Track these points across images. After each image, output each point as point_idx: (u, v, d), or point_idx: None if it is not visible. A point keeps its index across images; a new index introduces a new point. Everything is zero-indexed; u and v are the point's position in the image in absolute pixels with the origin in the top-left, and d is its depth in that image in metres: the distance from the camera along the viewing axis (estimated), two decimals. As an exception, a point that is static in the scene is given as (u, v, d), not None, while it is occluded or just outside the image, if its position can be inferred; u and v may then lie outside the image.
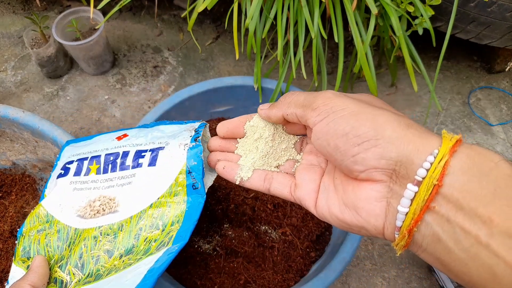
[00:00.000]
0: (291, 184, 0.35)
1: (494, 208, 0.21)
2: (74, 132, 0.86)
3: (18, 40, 1.01)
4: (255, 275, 0.62)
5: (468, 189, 0.22)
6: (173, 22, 1.06)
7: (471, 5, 0.72)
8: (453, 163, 0.23)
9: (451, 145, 0.23)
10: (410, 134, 0.25)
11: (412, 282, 0.71)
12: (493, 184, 0.21)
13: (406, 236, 0.25)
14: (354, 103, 0.28)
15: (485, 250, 0.21)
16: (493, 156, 0.23)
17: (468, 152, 0.23)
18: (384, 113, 0.26)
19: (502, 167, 0.22)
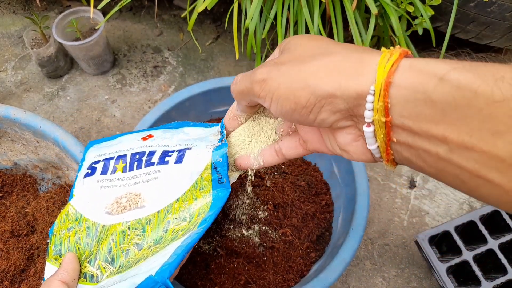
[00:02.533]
0: (299, 141, 0.36)
1: (446, 126, 0.21)
2: (75, 132, 0.86)
3: (18, 40, 1.01)
4: (255, 276, 0.63)
5: (417, 113, 0.22)
6: (173, 22, 1.06)
7: (471, 5, 0.73)
8: (394, 94, 0.23)
9: (385, 76, 0.23)
10: (345, 78, 0.25)
11: (412, 282, 0.72)
12: (440, 103, 0.21)
13: (388, 163, 0.27)
14: (283, 73, 0.28)
15: (449, 164, 0.22)
16: (436, 69, 0.22)
17: (408, 74, 0.23)
18: (313, 68, 0.26)
19: (449, 79, 0.21)
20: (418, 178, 0.82)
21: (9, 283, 0.61)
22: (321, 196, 0.71)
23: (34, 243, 0.63)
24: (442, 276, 0.63)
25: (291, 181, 0.70)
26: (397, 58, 0.23)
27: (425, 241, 0.66)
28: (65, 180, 0.70)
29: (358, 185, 0.64)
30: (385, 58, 0.23)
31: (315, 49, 0.28)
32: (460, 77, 0.21)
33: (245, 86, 0.32)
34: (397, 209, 0.79)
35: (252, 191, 0.67)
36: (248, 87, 0.31)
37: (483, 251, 0.65)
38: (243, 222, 0.65)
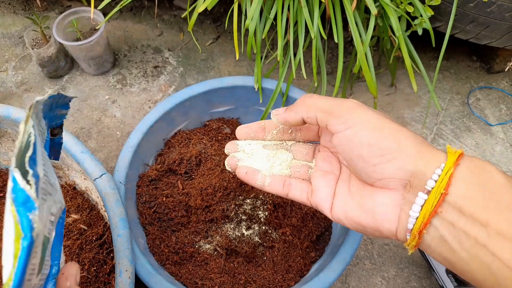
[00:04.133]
0: (308, 190, 0.38)
1: (490, 213, 0.24)
2: (75, 132, 0.87)
3: (19, 40, 1.01)
4: (255, 275, 0.63)
5: (469, 196, 0.25)
6: (173, 23, 1.06)
7: (471, 5, 0.73)
8: (456, 175, 0.26)
9: (455, 159, 0.27)
10: (423, 150, 0.29)
11: (411, 281, 0.72)
12: (489, 192, 0.25)
13: (416, 237, 0.28)
14: (377, 117, 0.31)
15: (484, 250, 0.24)
16: (489, 168, 0.26)
17: (469, 165, 0.27)
18: (403, 130, 0.30)
19: (497, 177, 0.25)
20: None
21: (10, 282, 0.61)
22: (321, 196, 0.71)
23: (35, 243, 0.63)
24: (442, 275, 0.63)
25: (291, 181, 0.70)
26: (461, 153, 0.28)
27: (425, 241, 0.66)
28: (66, 180, 0.70)
29: (357, 185, 0.64)
30: (452, 150, 0.28)
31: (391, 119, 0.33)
32: (505, 177, 0.25)
33: (326, 104, 0.33)
34: (396, 209, 0.79)
35: (252, 191, 0.67)
36: (330, 105, 0.33)
37: (483, 251, 0.65)
38: (243, 222, 0.65)
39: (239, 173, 0.40)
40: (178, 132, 0.76)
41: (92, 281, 0.59)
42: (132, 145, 0.67)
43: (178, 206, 0.67)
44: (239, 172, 0.40)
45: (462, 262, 0.25)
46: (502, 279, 0.23)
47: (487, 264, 0.24)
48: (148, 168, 0.71)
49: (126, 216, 0.56)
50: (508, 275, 0.23)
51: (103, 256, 0.61)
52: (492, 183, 0.25)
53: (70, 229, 0.61)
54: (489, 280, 0.24)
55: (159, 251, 0.63)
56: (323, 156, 0.39)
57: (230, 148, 0.42)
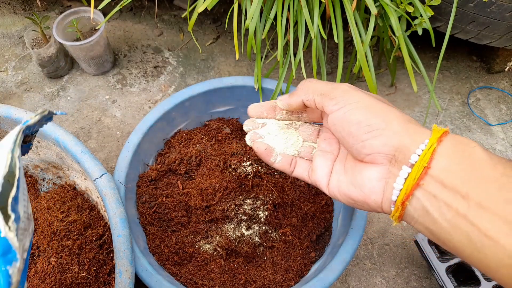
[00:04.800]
0: (309, 168, 0.42)
1: (470, 186, 0.26)
2: (75, 132, 0.87)
3: (19, 40, 1.01)
4: (255, 275, 0.63)
5: (451, 170, 0.27)
6: (173, 23, 1.06)
7: (471, 5, 0.73)
8: (439, 150, 0.28)
9: (438, 136, 0.28)
10: (410, 128, 0.30)
11: (411, 281, 0.72)
12: (471, 167, 0.26)
13: (400, 208, 0.30)
14: (367, 97, 0.33)
15: (464, 220, 0.26)
16: (472, 144, 0.28)
17: (452, 141, 0.28)
18: (392, 109, 0.32)
19: (479, 153, 0.27)
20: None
21: (10, 282, 0.61)
22: (320, 196, 0.71)
23: (35, 243, 0.63)
24: (442, 275, 0.63)
25: (291, 181, 0.70)
26: (446, 131, 0.29)
27: (425, 241, 0.66)
28: (66, 180, 0.70)
29: (357, 185, 0.64)
30: (437, 128, 0.30)
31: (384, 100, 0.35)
32: (486, 152, 0.27)
33: (322, 87, 0.36)
34: (396, 209, 0.79)
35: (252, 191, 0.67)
36: (327, 88, 0.36)
37: (483, 251, 0.65)
38: (243, 222, 0.65)
39: (259, 148, 0.43)
40: (178, 132, 0.76)
41: (92, 281, 0.59)
42: (132, 145, 0.67)
43: (178, 206, 0.67)
44: (258, 148, 0.44)
45: (444, 231, 0.27)
46: (480, 247, 0.25)
47: (467, 233, 0.25)
48: (148, 168, 0.71)
49: (126, 216, 0.56)
50: (486, 243, 0.24)
51: (103, 256, 0.61)
52: (474, 158, 0.26)
53: (70, 229, 0.61)
54: (468, 248, 0.26)
55: (159, 251, 0.63)
56: (324, 137, 0.42)
57: (250, 125, 0.46)
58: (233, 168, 0.69)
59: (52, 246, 0.59)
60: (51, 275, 0.57)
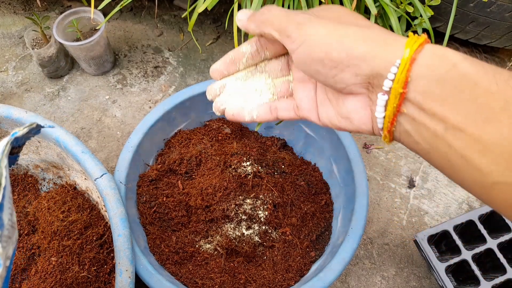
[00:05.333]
0: (293, 106, 0.38)
1: (448, 108, 0.25)
2: (75, 132, 0.87)
3: (19, 41, 1.01)
4: (255, 275, 0.63)
5: (428, 91, 0.25)
6: (173, 23, 1.06)
7: (471, 5, 0.73)
8: (414, 70, 0.26)
9: (412, 53, 0.26)
10: (376, 48, 0.27)
11: (411, 281, 0.72)
12: (449, 86, 0.25)
13: (387, 135, 0.29)
14: (323, 25, 0.30)
15: (442, 142, 0.25)
16: (452, 57, 0.25)
17: (429, 57, 0.26)
18: (350, 31, 0.29)
19: (459, 67, 0.24)
20: (417, 178, 0.83)
21: (10, 282, 0.61)
22: (320, 196, 0.71)
23: (35, 243, 0.63)
24: (441, 275, 0.63)
25: (290, 181, 0.70)
26: (422, 42, 0.26)
27: (424, 241, 0.66)
28: (66, 180, 0.70)
29: (357, 184, 0.64)
30: (413, 40, 0.26)
31: (354, 19, 0.31)
32: (468, 67, 0.24)
33: (279, 20, 0.32)
34: (396, 209, 0.79)
35: (252, 191, 0.67)
36: (282, 22, 0.32)
37: (482, 251, 0.65)
38: (243, 222, 0.65)
39: (228, 117, 0.41)
40: (178, 132, 0.76)
41: (93, 280, 0.59)
42: (132, 145, 0.67)
43: (178, 206, 0.67)
44: (227, 116, 0.41)
45: (425, 152, 0.27)
46: (458, 169, 0.25)
47: (446, 155, 0.25)
48: (149, 168, 0.72)
49: (127, 216, 0.56)
50: (463, 164, 0.25)
51: (103, 256, 0.61)
52: (453, 75, 0.24)
53: (71, 229, 0.61)
54: (449, 169, 0.26)
55: (160, 250, 0.64)
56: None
57: (211, 93, 0.42)
58: (233, 168, 0.69)
59: (52, 246, 0.60)
60: (51, 274, 0.58)
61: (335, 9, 0.33)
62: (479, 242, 0.66)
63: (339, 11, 0.33)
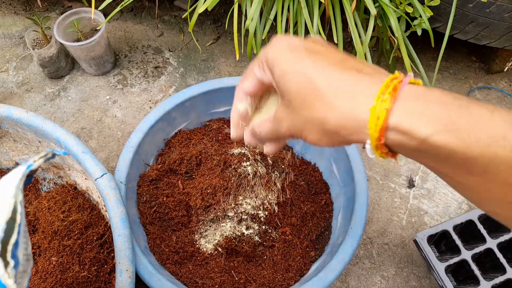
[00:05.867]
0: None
1: (426, 160, 0.25)
2: (76, 132, 0.87)
3: (20, 41, 1.01)
4: (255, 275, 0.63)
5: (404, 151, 0.26)
6: (173, 23, 1.06)
7: (470, 5, 0.73)
8: (386, 140, 0.25)
9: (376, 135, 0.25)
10: (346, 116, 0.26)
11: (411, 281, 0.72)
12: (421, 153, 0.25)
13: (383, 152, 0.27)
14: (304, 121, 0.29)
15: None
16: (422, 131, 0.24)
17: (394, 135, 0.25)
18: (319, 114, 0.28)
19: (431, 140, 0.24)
20: (417, 178, 0.83)
21: (11, 282, 0.61)
22: (320, 196, 0.71)
23: (36, 243, 0.63)
24: (441, 275, 0.63)
25: (290, 180, 0.70)
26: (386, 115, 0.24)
27: (424, 241, 0.67)
28: (67, 180, 0.70)
29: (357, 184, 0.64)
30: (374, 118, 0.25)
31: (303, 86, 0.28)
32: (441, 138, 0.23)
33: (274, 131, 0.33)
34: (396, 209, 0.79)
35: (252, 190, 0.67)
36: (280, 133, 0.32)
37: (482, 251, 0.65)
38: (243, 221, 0.65)
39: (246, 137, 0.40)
40: (178, 132, 0.76)
41: (93, 280, 0.59)
42: (133, 145, 0.67)
43: (178, 206, 0.67)
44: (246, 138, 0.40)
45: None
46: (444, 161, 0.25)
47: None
48: (149, 168, 0.72)
49: (127, 216, 0.57)
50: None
51: (103, 256, 0.61)
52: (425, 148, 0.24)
53: (71, 229, 0.61)
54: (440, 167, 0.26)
55: (160, 250, 0.64)
56: None
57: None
58: (233, 168, 0.69)
59: (53, 246, 0.60)
60: (52, 274, 0.58)
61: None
62: (479, 242, 0.66)
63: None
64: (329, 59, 0.29)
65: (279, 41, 0.31)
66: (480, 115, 0.23)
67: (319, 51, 0.30)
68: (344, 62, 0.29)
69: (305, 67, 0.28)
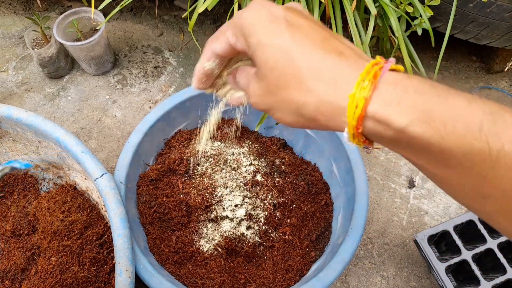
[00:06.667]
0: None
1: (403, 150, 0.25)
2: (76, 132, 0.87)
3: (19, 41, 1.01)
4: (255, 275, 0.63)
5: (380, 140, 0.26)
6: (173, 23, 1.06)
7: (470, 5, 0.73)
8: (363, 128, 0.25)
9: (353, 124, 0.24)
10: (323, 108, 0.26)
11: (411, 281, 0.72)
12: (399, 143, 0.25)
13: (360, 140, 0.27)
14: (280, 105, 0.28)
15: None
16: (398, 121, 0.23)
17: (372, 124, 0.24)
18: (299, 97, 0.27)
19: (407, 131, 0.23)
20: (417, 178, 0.83)
21: (10, 282, 0.61)
22: (320, 196, 0.71)
23: (35, 243, 0.63)
24: (441, 275, 0.63)
25: (290, 181, 0.70)
26: (364, 104, 0.24)
27: (424, 241, 0.66)
28: (66, 180, 0.70)
29: (357, 184, 0.64)
30: (352, 109, 0.24)
31: (282, 64, 0.27)
32: (417, 129, 0.23)
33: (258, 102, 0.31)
34: (396, 209, 0.79)
35: (252, 190, 0.67)
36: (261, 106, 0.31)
37: (482, 251, 0.65)
38: (243, 222, 0.65)
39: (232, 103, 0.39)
40: (178, 132, 0.76)
41: (93, 280, 0.59)
42: (132, 145, 0.67)
43: (178, 206, 0.67)
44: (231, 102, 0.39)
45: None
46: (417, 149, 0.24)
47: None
48: (149, 168, 0.72)
49: (127, 216, 0.56)
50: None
51: (103, 256, 0.61)
52: (402, 138, 0.24)
53: (71, 229, 0.61)
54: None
55: (159, 250, 0.64)
56: None
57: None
58: (233, 168, 0.69)
59: (52, 246, 0.60)
60: (51, 274, 0.58)
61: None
62: (479, 242, 0.66)
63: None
64: (311, 36, 0.27)
65: (257, 7, 0.28)
66: (457, 105, 0.22)
67: (300, 25, 0.28)
68: (327, 41, 0.27)
69: (285, 42, 0.27)
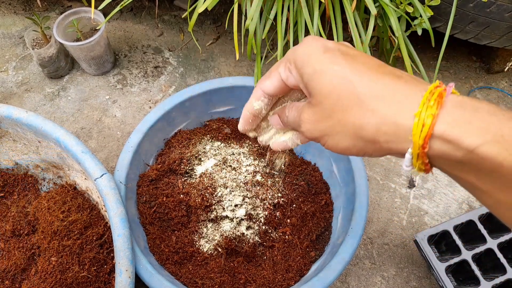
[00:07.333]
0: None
1: (471, 174, 0.24)
2: (76, 132, 0.87)
3: (19, 41, 1.01)
4: (255, 275, 0.63)
5: (449, 164, 0.25)
6: (173, 23, 1.06)
7: (470, 5, 0.73)
8: (429, 153, 0.24)
9: (420, 143, 0.24)
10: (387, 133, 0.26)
11: (411, 281, 0.72)
12: (468, 165, 0.23)
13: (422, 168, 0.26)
14: (336, 130, 0.29)
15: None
16: (469, 141, 0.23)
17: (440, 144, 0.24)
18: (356, 121, 0.27)
19: (478, 151, 0.23)
20: (417, 178, 0.83)
21: (10, 282, 0.61)
22: (320, 196, 0.71)
23: (35, 243, 0.63)
24: (441, 275, 0.63)
25: (290, 180, 0.70)
26: (432, 121, 0.23)
27: (424, 241, 0.66)
28: (66, 180, 0.70)
29: (357, 184, 0.64)
30: (419, 128, 0.24)
31: (340, 88, 0.27)
32: (488, 149, 0.22)
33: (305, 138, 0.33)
34: (396, 209, 0.79)
35: (252, 190, 0.67)
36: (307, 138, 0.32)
37: (482, 251, 0.65)
38: (243, 222, 0.65)
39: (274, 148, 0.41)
40: (178, 132, 0.76)
41: (93, 280, 0.59)
42: (132, 145, 0.67)
43: (178, 206, 0.67)
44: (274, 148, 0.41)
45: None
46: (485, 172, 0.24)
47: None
48: (149, 168, 0.72)
49: (127, 216, 0.56)
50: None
51: (103, 256, 0.61)
52: (472, 158, 0.23)
53: (71, 229, 0.61)
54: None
55: (159, 250, 0.64)
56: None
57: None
58: (233, 168, 0.69)
59: (52, 246, 0.60)
60: (51, 274, 0.58)
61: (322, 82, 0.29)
62: (479, 242, 0.66)
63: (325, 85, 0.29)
64: (367, 63, 0.28)
65: (310, 42, 0.30)
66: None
67: (354, 55, 0.29)
68: (383, 67, 0.28)
69: (342, 69, 0.27)
